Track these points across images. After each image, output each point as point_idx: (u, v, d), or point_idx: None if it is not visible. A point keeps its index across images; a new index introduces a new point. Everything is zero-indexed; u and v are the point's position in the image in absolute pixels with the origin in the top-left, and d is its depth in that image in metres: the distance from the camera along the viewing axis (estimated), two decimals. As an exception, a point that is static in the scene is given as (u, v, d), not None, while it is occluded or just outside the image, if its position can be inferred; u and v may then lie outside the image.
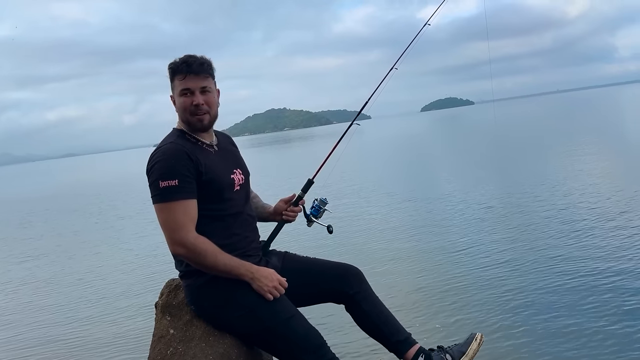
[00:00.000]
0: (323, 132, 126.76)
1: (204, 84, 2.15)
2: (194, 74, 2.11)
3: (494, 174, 14.19)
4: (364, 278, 2.33)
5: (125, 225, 13.16)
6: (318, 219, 2.48)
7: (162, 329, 2.20)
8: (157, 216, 2.06)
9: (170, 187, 2.00)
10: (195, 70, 2.11)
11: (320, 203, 2.46)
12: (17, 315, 6.65)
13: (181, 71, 2.11)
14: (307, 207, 2.48)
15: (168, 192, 2.00)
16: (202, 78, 2.14)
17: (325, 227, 2.48)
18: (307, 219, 2.48)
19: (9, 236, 14.01)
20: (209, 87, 2.17)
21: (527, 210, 8.67)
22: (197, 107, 2.13)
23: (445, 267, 6.24)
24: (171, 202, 2.01)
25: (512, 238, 7.08)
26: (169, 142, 2.12)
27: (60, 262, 9.63)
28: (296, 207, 2.41)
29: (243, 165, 2.34)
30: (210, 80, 2.18)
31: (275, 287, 2.09)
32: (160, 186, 2.00)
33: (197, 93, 2.13)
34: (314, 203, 2.47)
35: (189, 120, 2.15)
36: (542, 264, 5.82)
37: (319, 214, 2.47)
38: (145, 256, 9.00)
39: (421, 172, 16.91)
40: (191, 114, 2.14)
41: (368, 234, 8.55)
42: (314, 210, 2.47)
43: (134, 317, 5.98)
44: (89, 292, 7.38)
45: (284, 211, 2.40)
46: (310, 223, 2.49)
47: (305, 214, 2.47)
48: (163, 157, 2.05)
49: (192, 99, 2.12)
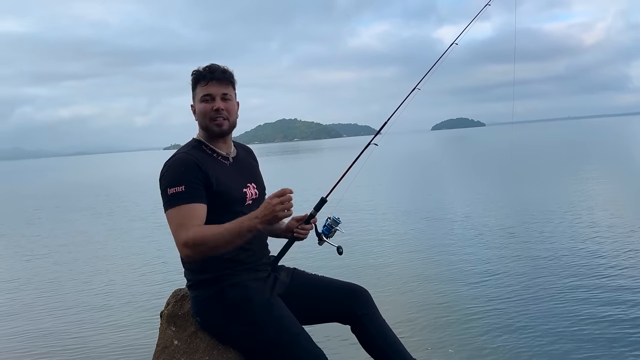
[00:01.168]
0: (332, 144, 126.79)
1: (225, 91, 2.18)
2: (217, 81, 2.16)
3: (508, 196, 14.10)
4: (371, 300, 2.31)
5: (135, 228, 13.13)
6: (329, 238, 2.45)
7: (166, 339, 2.19)
8: (167, 221, 2.06)
9: (177, 193, 2.02)
10: (217, 77, 2.16)
11: (332, 222, 2.43)
12: (17, 318, 6.55)
13: (204, 77, 2.15)
14: (319, 225, 2.45)
15: (175, 198, 2.02)
16: (223, 85, 2.18)
17: (335, 247, 2.46)
18: (319, 237, 2.45)
19: (16, 232, 13.98)
20: (230, 95, 2.21)
21: (543, 235, 8.59)
22: (217, 111, 2.15)
23: (456, 291, 6.13)
24: (177, 207, 2.02)
25: (526, 264, 7.00)
26: (182, 152, 2.15)
27: (66, 263, 9.54)
28: (307, 225, 2.39)
29: (259, 180, 2.34)
30: (231, 89, 2.22)
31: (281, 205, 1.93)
32: (168, 193, 2.03)
33: (218, 99, 2.16)
34: (327, 222, 2.44)
35: (208, 125, 2.17)
36: (559, 292, 5.76)
37: (331, 233, 2.44)
38: (154, 263, 8.95)
39: (433, 192, 16.73)
40: (210, 119, 2.16)
41: (378, 253, 8.48)
42: (326, 230, 2.44)
43: (138, 325, 5.92)
44: (93, 296, 7.32)
45: (295, 229, 2.38)
46: (321, 242, 2.46)
47: (317, 232, 2.44)
48: (172, 166, 2.09)
49: (212, 105, 2.15)
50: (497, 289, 6.07)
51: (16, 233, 13.81)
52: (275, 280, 2.23)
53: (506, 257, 7.44)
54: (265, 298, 2.12)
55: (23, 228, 14.71)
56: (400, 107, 2.74)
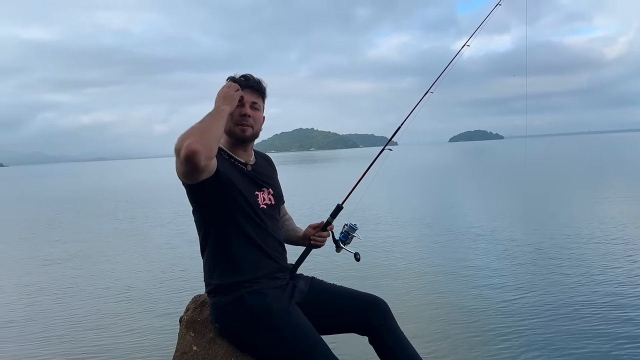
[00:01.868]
0: (349, 154, 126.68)
1: (256, 100, 2.25)
2: (250, 89, 2.22)
3: (531, 210, 13.85)
4: (390, 311, 2.30)
5: (155, 235, 13.16)
6: (346, 245, 2.46)
7: (185, 344, 2.20)
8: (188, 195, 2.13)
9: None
10: (251, 85, 2.23)
11: (349, 229, 2.44)
12: (35, 323, 6.56)
13: (239, 84, 2.20)
14: (336, 232, 2.46)
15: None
16: (255, 95, 2.25)
17: (353, 254, 2.46)
18: (336, 244, 2.46)
19: (37, 237, 14.11)
20: (259, 105, 2.27)
21: (570, 250, 8.40)
22: (244, 117, 2.20)
23: (477, 306, 6.03)
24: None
25: (553, 280, 6.84)
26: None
27: (84, 268, 9.60)
28: (324, 232, 2.41)
29: (276, 187, 2.36)
30: (261, 100, 2.28)
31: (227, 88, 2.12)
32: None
33: (247, 106, 2.22)
34: (343, 229, 2.46)
35: (232, 129, 2.21)
36: (590, 309, 5.63)
37: (348, 240, 2.45)
38: (174, 269, 8.99)
39: (453, 203, 16.57)
40: (236, 123, 2.20)
41: (395, 263, 8.40)
42: (343, 236, 2.45)
43: (158, 331, 5.94)
44: (113, 301, 7.35)
45: (312, 236, 2.40)
46: (338, 249, 2.47)
47: (334, 239, 2.45)
48: None
49: (240, 110, 2.20)
50: (521, 305, 5.92)
51: (37, 237, 13.95)
52: (293, 288, 2.24)
53: (532, 273, 7.25)
54: (283, 306, 2.13)
55: (43, 232, 14.88)
56: (414, 111, 2.74)
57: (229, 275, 2.14)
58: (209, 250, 2.19)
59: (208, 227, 2.17)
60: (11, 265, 10.35)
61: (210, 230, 2.17)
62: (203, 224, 2.19)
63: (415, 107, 2.76)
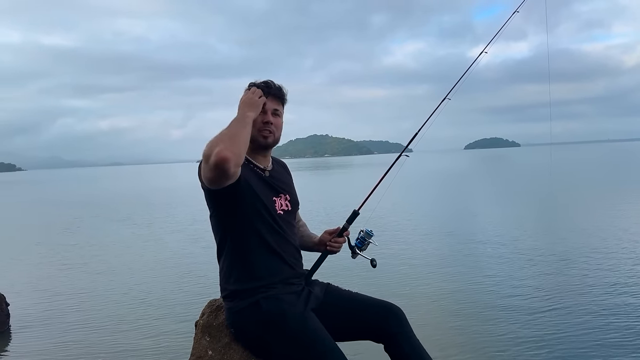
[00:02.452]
0: (363, 161, 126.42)
1: (277, 107, 2.26)
2: (272, 96, 2.23)
3: (554, 219, 13.64)
4: (405, 319, 2.27)
5: (173, 240, 13.26)
6: (362, 251, 2.45)
7: (200, 349, 2.21)
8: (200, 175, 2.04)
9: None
10: (273, 93, 2.24)
11: (365, 235, 2.43)
12: (52, 326, 6.65)
13: (261, 90, 2.21)
14: (352, 238, 2.45)
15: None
16: (276, 101, 2.26)
17: (369, 260, 2.45)
18: (352, 250, 2.45)
19: (55, 241, 14.21)
20: (280, 111, 2.28)
21: (592, 259, 8.31)
22: (266, 124, 2.22)
23: (497, 315, 5.96)
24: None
25: (576, 291, 6.72)
26: None
27: (103, 273, 9.68)
28: (340, 238, 2.40)
29: (292, 193, 2.37)
30: (282, 106, 2.30)
31: (251, 95, 2.15)
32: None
33: (269, 113, 2.23)
34: (359, 235, 2.45)
35: (255, 136, 2.21)
36: (610, 321, 5.53)
37: (364, 246, 2.44)
38: (190, 274, 9.05)
39: (470, 210, 16.44)
40: (258, 130, 2.21)
41: (412, 270, 8.37)
42: (359, 242, 2.44)
43: (173, 335, 5.99)
44: (129, 305, 7.43)
45: (328, 242, 2.39)
46: (354, 255, 2.46)
47: (350, 245, 2.44)
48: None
49: (263, 117, 2.21)
50: (545, 316, 5.80)
51: (55, 241, 14.08)
52: (309, 294, 2.23)
53: (557, 284, 7.12)
54: (299, 312, 2.13)
55: (62, 236, 15.03)
56: (431, 117, 2.72)
57: (245, 280, 2.15)
58: (225, 255, 2.20)
59: (225, 233, 2.18)
60: (30, 269, 10.49)
61: (227, 236, 2.17)
62: (220, 229, 2.20)
63: (432, 114, 2.74)
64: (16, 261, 11.37)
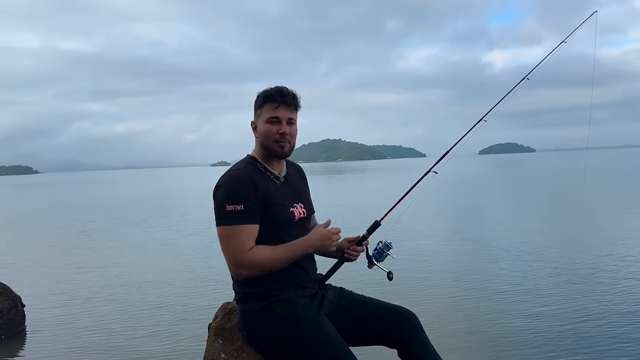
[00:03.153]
0: (376, 166, 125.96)
1: (292, 115, 2.25)
2: (286, 105, 2.21)
3: (578, 226, 13.27)
4: (420, 325, 2.26)
5: (187, 243, 13.35)
6: (379, 262, 2.42)
7: (213, 351, 2.21)
8: (219, 238, 2.12)
9: (236, 211, 2.06)
10: (287, 102, 2.22)
11: (384, 247, 2.40)
12: (67, 328, 6.65)
13: (275, 100, 2.20)
14: (370, 248, 2.42)
15: (233, 216, 2.06)
16: (291, 110, 2.24)
17: (386, 272, 2.42)
18: (369, 260, 2.42)
19: (71, 244, 14.25)
20: (295, 119, 2.27)
21: (619, 270, 8.01)
22: (283, 135, 2.21)
23: (513, 323, 5.84)
24: (235, 226, 2.07)
25: (602, 302, 6.47)
26: (238, 168, 2.21)
27: (117, 276, 9.68)
28: (359, 247, 2.38)
29: (307, 200, 2.37)
30: (296, 114, 2.28)
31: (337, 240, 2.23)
32: (226, 209, 2.07)
33: (284, 122, 2.22)
34: (378, 245, 2.42)
35: (271, 146, 2.21)
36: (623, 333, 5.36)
37: (382, 257, 2.41)
38: (206, 277, 9.06)
39: (488, 216, 16.16)
40: (275, 141, 2.21)
41: (429, 276, 8.25)
42: (377, 253, 2.41)
43: (187, 337, 5.99)
44: (144, 307, 7.45)
45: (346, 250, 2.38)
46: (371, 265, 2.43)
47: (367, 255, 2.42)
48: (230, 182, 2.13)
49: (278, 127, 2.20)
50: (569, 329, 5.57)
51: (71, 244, 14.15)
52: (322, 298, 2.23)
53: (579, 292, 6.91)
54: (312, 316, 2.13)
55: (78, 239, 15.12)
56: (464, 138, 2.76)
57: (259, 284, 2.15)
58: None
59: None
60: (46, 271, 10.59)
61: None
62: None
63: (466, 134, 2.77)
64: (33, 263, 11.47)
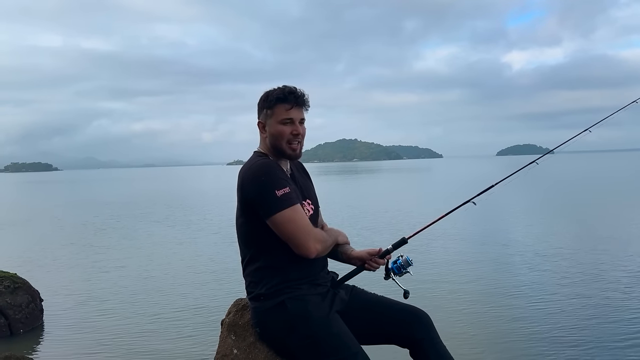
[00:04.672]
0: (391, 166, 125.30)
1: (303, 116, 2.26)
2: (299, 106, 2.22)
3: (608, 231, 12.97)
4: (432, 324, 2.24)
5: (203, 239, 13.50)
6: (397, 277, 2.38)
7: (226, 347, 2.22)
8: (281, 225, 2.08)
9: (286, 194, 2.09)
10: (300, 102, 2.22)
11: (404, 262, 2.37)
12: (84, 324, 6.74)
13: (289, 101, 2.19)
14: (390, 261, 2.39)
15: (287, 198, 2.08)
16: (302, 110, 2.25)
17: (403, 290, 2.37)
18: (386, 272, 2.40)
19: (90, 242, 14.38)
20: (304, 118, 2.28)
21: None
22: (296, 136, 2.21)
23: (526, 326, 5.78)
24: (294, 207, 2.09)
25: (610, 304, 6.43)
26: (263, 158, 2.20)
27: (136, 273, 9.81)
28: (381, 259, 2.36)
29: (313, 196, 2.37)
30: (306, 112, 2.28)
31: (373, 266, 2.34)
32: (278, 195, 2.07)
33: (297, 123, 2.22)
34: (398, 260, 2.38)
35: (283, 147, 2.21)
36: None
37: (400, 273, 2.38)
38: (220, 272, 9.16)
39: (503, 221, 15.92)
40: (288, 142, 2.21)
41: (443, 277, 8.21)
42: (396, 268, 2.38)
43: (201, 332, 6.06)
44: (158, 301, 7.55)
45: (367, 260, 2.35)
46: (387, 277, 2.40)
47: (387, 267, 2.39)
48: (268, 170, 2.13)
49: (292, 128, 2.20)
50: (580, 334, 5.51)
51: (91, 242, 14.28)
52: (334, 296, 2.22)
53: (595, 298, 6.79)
54: (324, 314, 2.12)
55: (97, 237, 15.26)
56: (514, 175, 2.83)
57: (273, 282, 2.15)
58: (254, 258, 2.21)
59: (256, 238, 2.18)
60: (65, 268, 10.75)
61: (258, 241, 2.18)
62: (251, 235, 2.20)
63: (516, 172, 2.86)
64: (53, 259, 11.65)
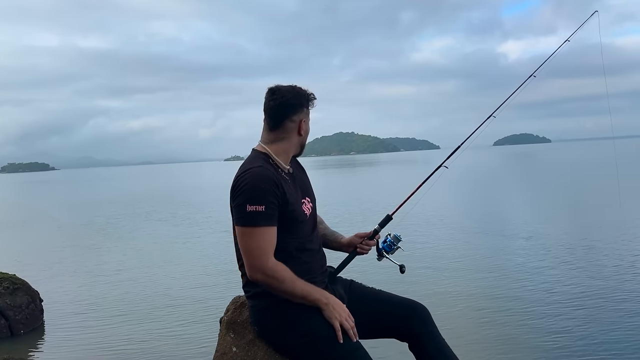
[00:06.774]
0: (388, 158, 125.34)
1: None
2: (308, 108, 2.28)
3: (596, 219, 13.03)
4: (431, 318, 2.24)
5: (200, 236, 13.52)
6: (390, 255, 2.43)
7: (225, 345, 2.22)
8: (238, 238, 2.09)
9: (256, 212, 2.00)
10: (314, 105, 2.29)
11: (393, 239, 2.41)
12: (80, 323, 6.75)
13: (313, 103, 2.26)
14: (379, 241, 2.43)
15: (254, 217, 2.01)
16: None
17: (398, 265, 2.42)
18: (379, 253, 2.44)
19: (90, 242, 14.35)
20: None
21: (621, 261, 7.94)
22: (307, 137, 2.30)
23: (524, 317, 5.80)
24: (256, 228, 2.02)
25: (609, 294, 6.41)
26: (258, 165, 2.10)
27: (136, 271, 9.83)
28: (371, 241, 2.39)
29: (311, 192, 2.35)
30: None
31: (346, 319, 2.06)
32: (247, 210, 2.01)
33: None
34: (387, 238, 2.42)
35: (297, 150, 2.28)
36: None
37: (392, 250, 2.42)
38: (217, 270, 9.16)
39: (502, 209, 15.99)
40: (302, 144, 2.29)
41: (440, 268, 8.23)
42: (387, 246, 2.42)
43: (198, 330, 6.07)
44: (157, 300, 7.56)
45: (359, 244, 2.39)
46: (380, 258, 2.44)
47: (378, 248, 2.43)
48: (252, 181, 2.04)
49: (307, 129, 2.28)
50: (577, 323, 5.52)
51: (90, 242, 14.20)
52: (332, 293, 2.21)
53: (592, 287, 6.79)
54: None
55: (98, 236, 15.23)
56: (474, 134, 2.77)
57: None
58: None
59: None
60: (64, 269, 10.71)
61: None
62: None
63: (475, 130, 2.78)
64: (52, 260, 11.60)
